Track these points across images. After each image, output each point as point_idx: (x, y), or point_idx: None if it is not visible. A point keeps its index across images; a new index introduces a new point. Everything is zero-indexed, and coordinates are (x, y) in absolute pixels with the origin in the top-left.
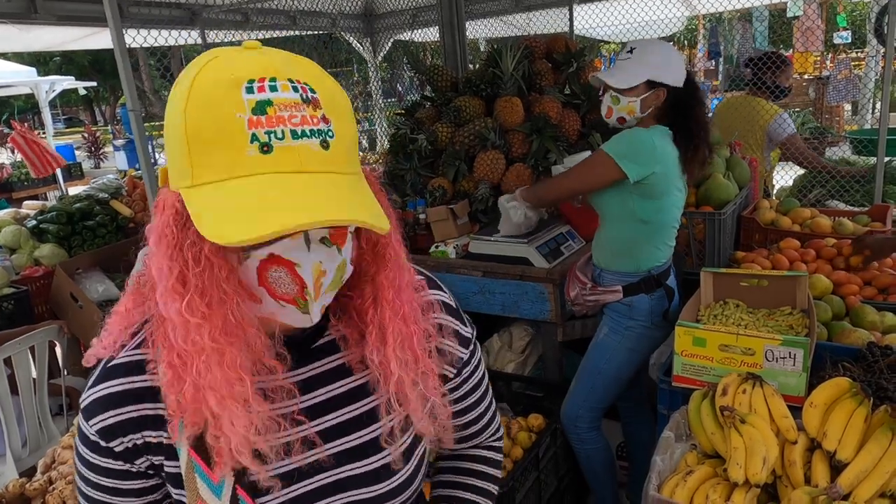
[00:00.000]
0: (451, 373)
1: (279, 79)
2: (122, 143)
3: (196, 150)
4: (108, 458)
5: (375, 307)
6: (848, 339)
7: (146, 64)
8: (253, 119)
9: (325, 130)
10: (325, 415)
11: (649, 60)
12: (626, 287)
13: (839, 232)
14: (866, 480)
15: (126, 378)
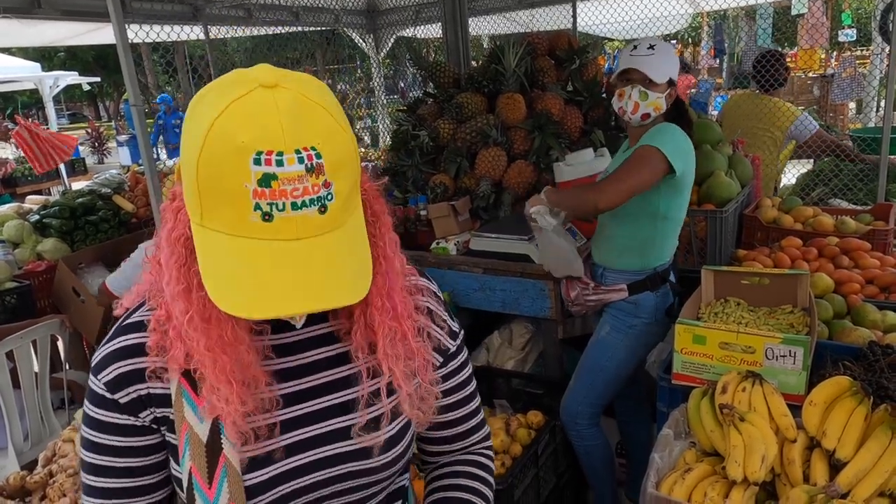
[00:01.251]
0: (437, 360)
1: (286, 152)
2: (125, 139)
3: (206, 200)
4: (113, 412)
5: (364, 306)
6: (849, 337)
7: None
8: (258, 190)
9: (324, 196)
10: (317, 398)
11: (669, 59)
12: (631, 285)
13: (841, 231)
14: (865, 479)
15: (137, 334)
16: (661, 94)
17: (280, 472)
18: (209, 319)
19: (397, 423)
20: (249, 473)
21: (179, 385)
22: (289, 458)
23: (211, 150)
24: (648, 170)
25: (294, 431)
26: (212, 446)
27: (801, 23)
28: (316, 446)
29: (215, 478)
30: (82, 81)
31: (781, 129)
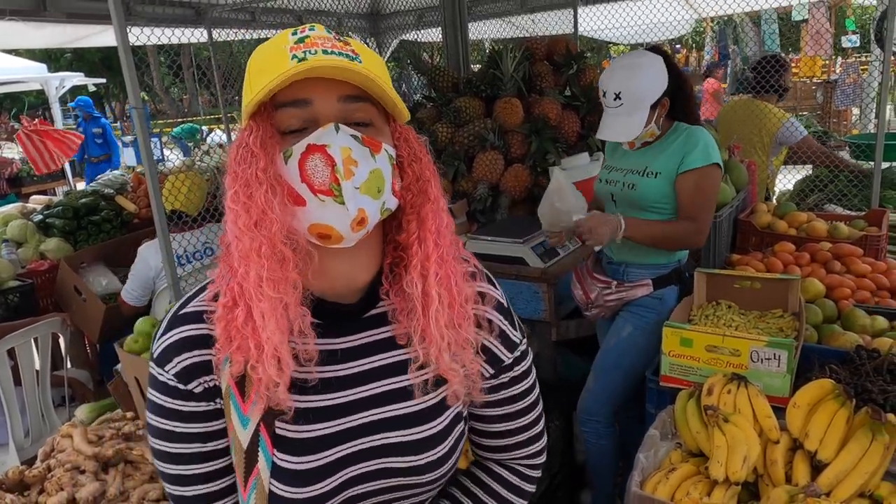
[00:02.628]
0: (487, 372)
1: (317, 27)
2: (130, 140)
3: (253, 78)
4: (189, 401)
5: (420, 242)
6: (837, 341)
7: (155, 60)
8: (294, 46)
9: (353, 56)
10: (366, 384)
11: (640, 97)
12: (655, 280)
13: (834, 236)
14: (846, 480)
15: (192, 325)
16: (650, 123)
17: (336, 458)
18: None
19: (446, 416)
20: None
21: (228, 387)
22: (345, 445)
23: (260, 48)
24: (718, 186)
25: (344, 418)
26: (250, 455)
27: (805, 29)
28: (366, 434)
29: (248, 485)
30: (88, 82)
31: (769, 134)
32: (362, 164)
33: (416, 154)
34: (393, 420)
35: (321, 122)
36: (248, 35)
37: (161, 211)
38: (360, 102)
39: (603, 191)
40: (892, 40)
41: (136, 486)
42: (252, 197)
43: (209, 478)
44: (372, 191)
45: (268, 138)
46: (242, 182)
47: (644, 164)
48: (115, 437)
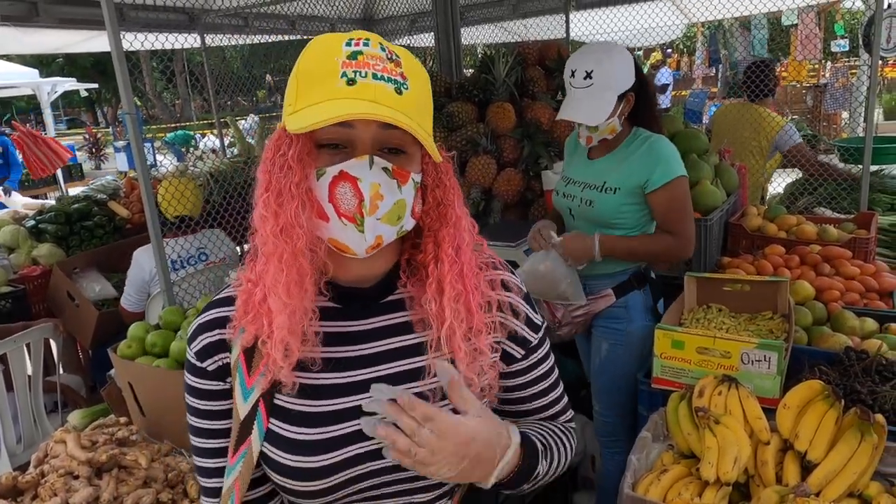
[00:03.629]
0: (518, 353)
1: (372, 42)
2: (122, 145)
3: (302, 83)
4: (203, 379)
5: (436, 262)
6: (826, 343)
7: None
8: (346, 62)
9: (400, 82)
10: (380, 364)
11: (611, 80)
12: (616, 288)
13: (824, 239)
14: (835, 480)
15: (220, 308)
16: (613, 117)
17: (347, 433)
18: (281, 202)
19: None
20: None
21: (237, 360)
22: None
23: (314, 45)
24: (688, 195)
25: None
26: (244, 426)
27: (794, 33)
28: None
29: (237, 454)
30: (80, 87)
31: (767, 139)
32: (388, 197)
33: (441, 179)
34: None
35: (358, 147)
36: (240, 40)
37: (154, 216)
38: (398, 131)
39: (561, 204)
40: (879, 45)
41: (130, 491)
42: (282, 206)
43: (223, 453)
44: (392, 219)
45: (305, 153)
46: (275, 191)
47: (602, 178)
48: (108, 442)
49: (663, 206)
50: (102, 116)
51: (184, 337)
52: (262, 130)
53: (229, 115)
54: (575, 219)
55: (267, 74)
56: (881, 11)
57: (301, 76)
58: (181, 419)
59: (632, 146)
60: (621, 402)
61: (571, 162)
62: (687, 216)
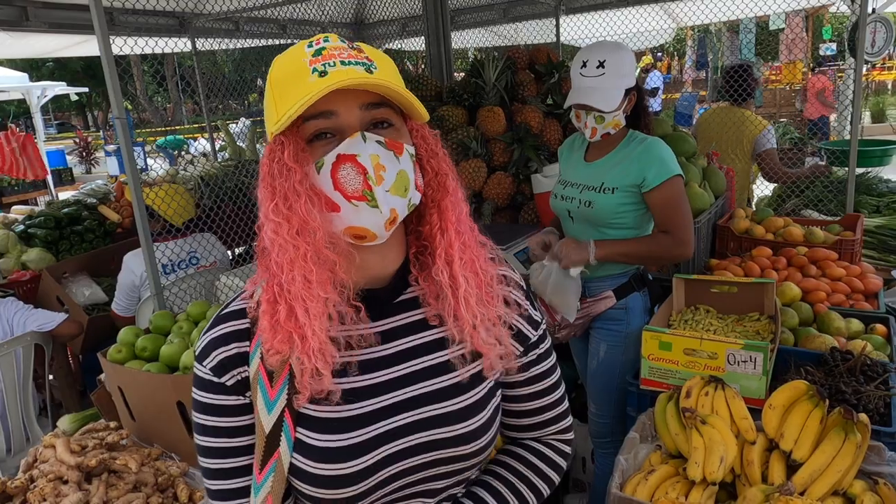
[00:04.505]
0: (517, 349)
1: (332, 38)
2: (113, 149)
3: (277, 93)
4: (221, 395)
5: (442, 233)
6: (812, 344)
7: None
8: (312, 59)
9: (369, 63)
10: (403, 363)
11: (622, 71)
12: (616, 290)
13: (810, 241)
14: (820, 479)
15: (232, 321)
16: (619, 110)
17: (374, 435)
18: (290, 205)
19: (482, 388)
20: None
21: (258, 372)
22: (381, 422)
23: (279, 58)
24: (684, 195)
25: (382, 396)
26: (271, 439)
27: (782, 37)
28: (418, 431)
29: (266, 468)
30: (70, 92)
31: (749, 140)
32: (389, 167)
33: (434, 150)
34: (431, 394)
35: (347, 130)
36: (231, 44)
37: (145, 220)
38: (381, 108)
39: (559, 207)
40: (864, 49)
41: (120, 495)
42: (292, 208)
43: (240, 472)
44: (400, 190)
45: (299, 151)
46: (281, 195)
47: (600, 179)
48: (98, 447)
49: (660, 205)
50: (93, 120)
51: (174, 341)
52: (253, 134)
53: (220, 118)
54: (574, 220)
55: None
56: (865, 16)
57: (274, 88)
58: (171, 423)
59: (628, 147)
60: (617, 404)
61: (568, 166)
62: (684, 215)
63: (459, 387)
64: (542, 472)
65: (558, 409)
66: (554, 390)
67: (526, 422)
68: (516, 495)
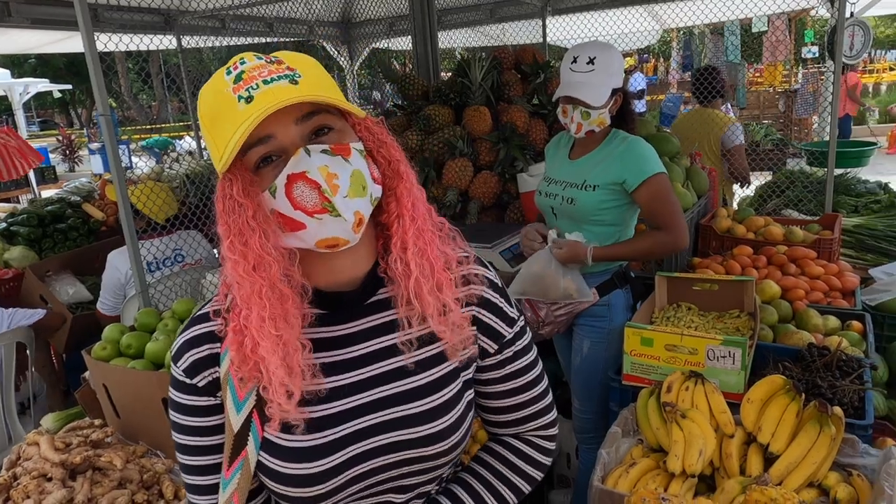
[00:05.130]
0: (491, 347)
1: (247, 58)
2: (97, 147)
3: (210, 127)
4: (193, 395)
5: (398, 220)
6: (790, 340)
7: (124, 67)
8: (235, 87)
9: (291, 74)
10: (371, 364)
11: (611, 69)
12: (600, 287)
13: (790, 240)
14: (796, 471)
15: (206, 323)
16: (605, 109)
17: (340, 436)
18: (245, 241)
19: (451, 389)
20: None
21: (227, 373)
22: (347, 424)
23: (203, 92)
24: (670, 189)
25: (350, 397)
26: (239, 438)
27: (765, 40)
28: (374, 411)
29: (233, 466)
30: (53, 88)
31: (716, 137)
32: (342, 173)
33: (381, 139)
34: (398, 395)
35: (289, 149)
36: (217, 42)
37: (129, 218)
38: (316, 116)
39: (543, 204)
40: (842, 52)
41: (105, 492)
42: (247, 244)
43: (214, 469)
44: (359, 191)
45: (248, 185)
46: (236, 231)
47: (582, 176)
48: (82, 444)
49: (647, 203)
50: (76, 118)
51: (159, 338)
52: None
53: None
54: (557, 217)
55: None
56: (843, 20)
57: (206, 124)
58: (156, 421)
59: (611, 145)
60: (600, 399)
61: (553, 163)
62: (673, 209)
63: (427, 388)
64: (520, 470)
65: (538, 405)
66: (533, 386)
67: (504, 418)
68: (493, 493)
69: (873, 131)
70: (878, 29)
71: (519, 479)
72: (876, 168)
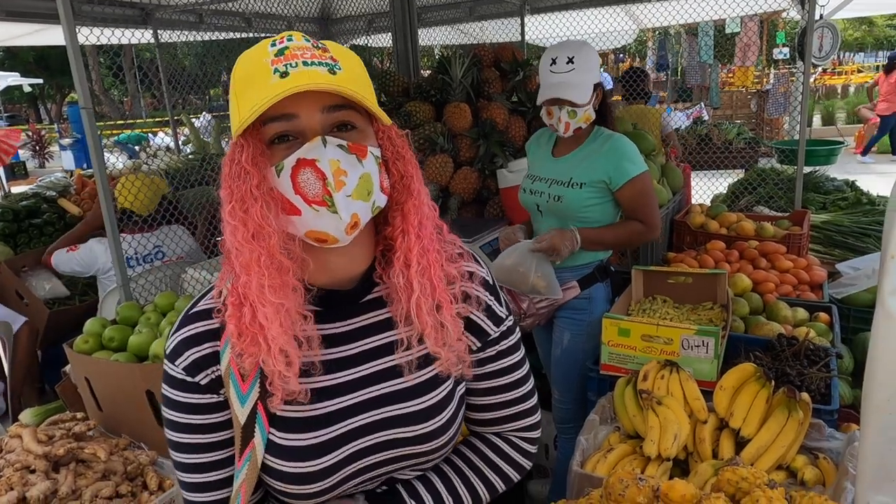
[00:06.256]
0: (474, 345)
1: (295, 37)
2: (68, 143)
3: (240, 92)
4: (195, 394)
5: (403, 235)
6: (761, 330)
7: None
8: (275, 59)
9: (332, 63)
10: (366, 363)
11: (590, 66)
12: (581, 280)
13: (761, 235)
14: (766, 454)
15: (202, 321)
16: (589, 105)
17: (337, 434)
18: (246, 209)
19: (443, 388)
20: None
21: (229, 367)
22: (344, 422)
23: (240, 60)
24: (651, 186)
25: (346, 395)
26: (247, 430)
27: (737, 41)
28: (369, 409)
29: (243, 457)
30: (24, 83)
31: (657, 127)
32: (351, 172)
33: (400, 152)
34: (393, 394)
35: (308, 133)
36: (194, 37)
37: (111, 212)
38: (343, 110)
39: (528, 201)
40: (811, 53)
41: (89, 484)
42: (248, 212)
43: (212, 467)
44: (363, 195)
45: (258, 155)
46: (238, 198)
47: (568, 174)
48: (65, 437)
49: (630, 200)
50: (46, 113)
51: (142, 331)
52: (218, 129)
53: (183, 112)
54: (543, 214)
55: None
56: (812, 22)
57: (237, 86)
58: (140, 413)
59: (595, 144)
60: (580, 390)
61: (536, 161)
62: (652, 205)
63: (420, 387)
64: (497, 467)
65: (521, 405)
66: (517, 387)
67: (485, 416)
68: (466, 484)
69: (841, 131)
70: (847, 31)
71: (494, 475)
72: (843, 167)
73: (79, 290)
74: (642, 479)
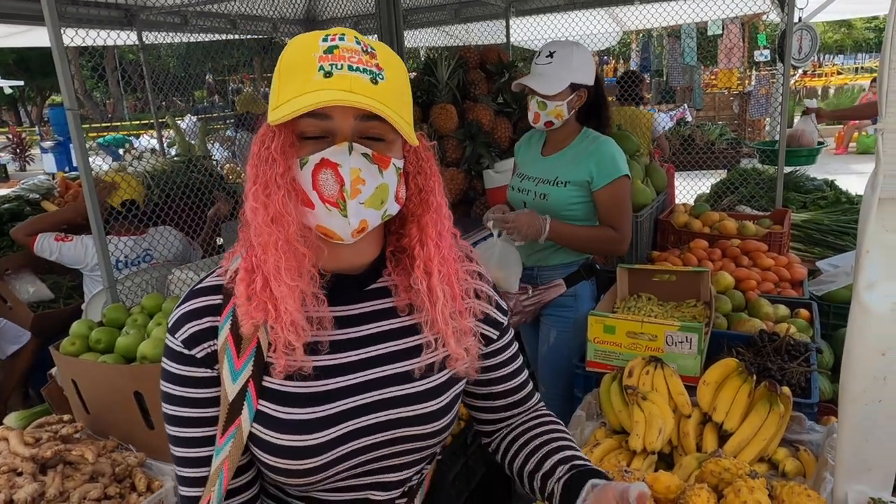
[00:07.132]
0: (493, 334)
1: (347, 36)
2: (50, 145)
3: (283, 76)
4: (191, 366)
5: (421, 246)
6: (743, 327)
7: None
8: (322, 56)
9: (376, 72)
10: (370, 345)
11: (570, 64)
12: (567, 278)
13: (743, 234)
14: (748, 447)
15: (206, 297)
16: (562, 101)
17: (338, 411)
18: (269, 193)
19: (444, 374)
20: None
21: (226, 342)
22: (346, 399)
23: (294, 42)
24: (629, 194)
25: (347, 375)
26: (234, 407)
27: (720, 43)
28: (373, 389)
29: (226, 434)
30: (4, 85)
31: (648, 129)
32: (370, 181)
33: (423, 167)
34: (397, 376)
35: (338, 136)
36: (178, 39)
37: (97, 213)
38: (375, 121)
39: (515, 199)
40: (790, 55)
41: (77, 486)
42: (270, 197)
43: (201, 442)
44: (375, 203)
45: (288, 145)
46: (262, 183)
47: (554, 173)
48: (52, 439)
49: (606, 203)
50: (27, 115)
51: (130, 332)
52: (203, 131)
53: (168, 114)
54: None
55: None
56: (792, 25)
57: (282, 72)
58: (128, 414)
59: (582, 145)
60: (567, 386)
61: (524, 160)
62: (626, 214)
63: (424, 369)
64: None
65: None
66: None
67: (509, 400)
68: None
69: (821, 132)
70: (826, 34)
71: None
72: (824, 167)
73: (63, 294)
74: (628, 471)
